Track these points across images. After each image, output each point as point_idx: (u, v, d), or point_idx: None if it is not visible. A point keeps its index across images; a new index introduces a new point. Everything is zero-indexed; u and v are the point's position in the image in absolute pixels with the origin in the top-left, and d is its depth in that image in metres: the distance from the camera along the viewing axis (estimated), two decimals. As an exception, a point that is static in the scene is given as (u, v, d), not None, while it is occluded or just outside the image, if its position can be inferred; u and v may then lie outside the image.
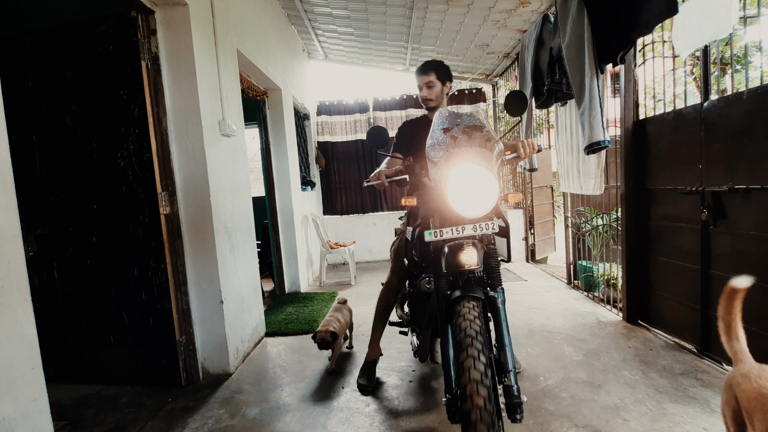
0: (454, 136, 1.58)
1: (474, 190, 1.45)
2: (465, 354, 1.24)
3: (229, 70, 2.72)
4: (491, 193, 1.44)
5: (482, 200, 1.45)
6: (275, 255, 4.29)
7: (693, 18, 2.14)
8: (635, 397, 1.95)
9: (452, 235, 1.48)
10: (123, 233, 2.30)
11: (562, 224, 4.20)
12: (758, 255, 1.93)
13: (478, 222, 1.47)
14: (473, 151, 1.51)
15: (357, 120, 6.02)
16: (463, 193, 1.46)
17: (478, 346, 1.24)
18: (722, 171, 2.10)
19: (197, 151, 2.32)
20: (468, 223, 1.48)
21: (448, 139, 1.58)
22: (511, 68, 5.01)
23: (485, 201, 1.44)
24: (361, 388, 2.22)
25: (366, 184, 2.08)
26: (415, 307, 2.12)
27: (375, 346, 2.33)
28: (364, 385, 2.22)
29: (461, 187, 1.46)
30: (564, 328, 2.88)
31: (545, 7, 3.49)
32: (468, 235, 1.48)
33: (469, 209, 1.45)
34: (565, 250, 4.04)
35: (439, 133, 1.61)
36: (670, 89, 2.68)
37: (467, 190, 1.46)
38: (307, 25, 4.64)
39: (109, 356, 2.40)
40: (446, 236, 1.48)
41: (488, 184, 1.44)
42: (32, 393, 1.30)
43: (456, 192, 1.46)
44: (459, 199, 1.46)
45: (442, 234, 1.48)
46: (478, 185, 1.45)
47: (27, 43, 2.28)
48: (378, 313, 2.31)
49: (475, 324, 1.30)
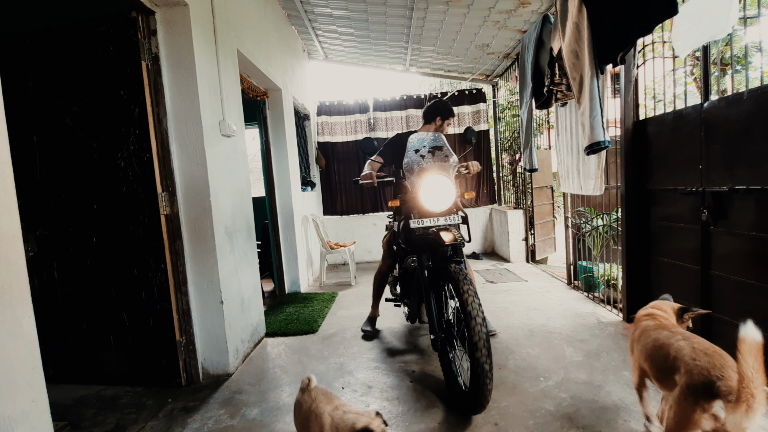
0: (423, 155, 2.32)
1: (438, 192, 2.15)
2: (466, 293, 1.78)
3: (229, 71, 2.72)
4: (450, 193, 2.16)
5: (444, 199, 2.16)
6: (275, 255, 4.29)
7: (692, 18, 2.14)
8: (635, 398, 1.94)
9: (430, 224, 2.15)
10: (123, 233, 2.30)
11: (562, 225, 4.20)
12: (759, 255, 1.93)
13: (446, 215, 2.16)
14: (436, 165, 2.24)
15: (357, 120, 6.02)
16: (431, 194, 2.15)
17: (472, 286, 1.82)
18: (722, 171, 2.10)
19: (197, 151, 2.32)
20: (439, 215, 2.16)
21: (418, 157, 2.32)
22: (511, 69, 5.01)
23: (446, 199, 2.16)
24: (364, 333, 2.91)
25: (357, 181, 2.58)
26: (404, 285, 2.71)
27: (375, 308, 3.04)
28: (367, 330, 2.92)
29: (429, 191, 2.14)
30: (564, 328, 2.87)
31: (545, 8, 3.49)
32: (441, 224, 2.14)
33: (435, 205, 2.16)
34: (566, 250, 4.04)
35: (413, 153, 2.37)
36: (670, 89, 2.68)
37: (433, 193, 2.15)
38: (307, 26, 4.64)
39: (109, 356, 2.40)
40: (426, 224, 2.15)
41: (447, 188, 2.15)
42: (32, 393, 1.30)
43: (426, 194, 2.15)
44: (428, 198, 2.15)
45: (423, 223, 2.16)
46: (440, 189, 2.14)
47: (27, 43, 2.28)
48: (375, 290, 3.01)
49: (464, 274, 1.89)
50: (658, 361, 1.40)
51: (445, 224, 2.13)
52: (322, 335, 3.05)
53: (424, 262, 2.15)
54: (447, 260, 2.06)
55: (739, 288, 2.04)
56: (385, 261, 2.87)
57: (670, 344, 1.36)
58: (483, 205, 6.05)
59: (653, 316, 1.59)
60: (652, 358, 1.44)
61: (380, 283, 2.96)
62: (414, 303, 2.50)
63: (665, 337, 1.41)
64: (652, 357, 1.44)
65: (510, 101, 5.70)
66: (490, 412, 1.90)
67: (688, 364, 1.24)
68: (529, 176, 4.99)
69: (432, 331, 2.06)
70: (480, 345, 1.66)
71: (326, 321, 3.37)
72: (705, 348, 1.28)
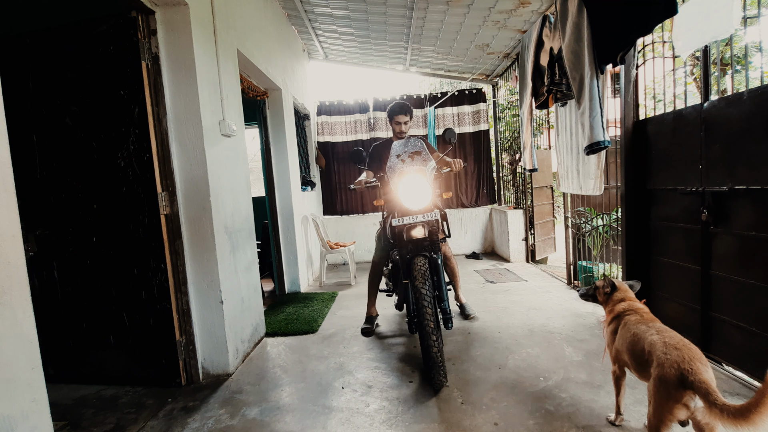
0: (403, 159, 2.58)
1: (415, 192, 2.35)
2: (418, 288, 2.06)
3: (229, 70, 2.72)
4: (426, 193, 2.35)
5: (421, 198, 2.35)
6: (275, 255, 4.29)
7: (694, 18, 2.14)
8: (635, 398, 1.95)
9: (410, 221, 2.35)
10: (123, 233, 2.30)
11: (562, 224, 4.20)
12: (758, 255, 1.93)
13: (424, 213, 2.35)
14: (414, 168, 2.44)
15: (357, 120, 6.01)
16: (409, 193, 2.35)
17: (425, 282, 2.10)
18: (722, 171, 2.10)
19: (197, 151, 2.32)
20: (418, 213, 2.35)
21: (399, 161, 2.58)
22: (511, 68, 5.01)
23: (423, 198, 2.35)
24: (363, 331, 3.01)
25: (351, 187, 2.85)
26: (394, 277, 2.93)
27: (372, 306, 3.13)
28: (366, 328, 3.01)
29: (407, 190, 2.35)
30: (564, 328, 2.88)
31: (545, 8, 3.49)
32: (419, 221, 2.34)
33: (413, 204, 2.35)
34: (565, 250, 4.04)
35: (394, 158, 2.66)
36: (670, 89, 2.68)
37: (411, 192, 2.35)
38: (307, 25, 4.64)
39: (109, 356, 2.40)
40: (405, 222, 2.35)
41: (423, 188, 2.35)
42: (32, 393, 1.30)
43: (404, 193, 2.36)
44: (406, 198, 2.36)
45: (403, 221, 2.36)
46: (417, 188, 2.35)
47: (27, 43, 2.28)
48: (370, 283, 3.10)
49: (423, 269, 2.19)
50: (636, 355, 1.49)
51: (423, 221, 2.33)
52: (322, 335, 3.06)
53: (405, 255, 2.38)
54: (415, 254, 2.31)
55: (739, 288, 2.04)
56: (377, 253, 3.07)
57: (644, 338, 1.46)
58: (483, 205, 6.05)
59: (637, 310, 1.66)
60: (631, 351, 1.53)
61: (374, 276, 3.09)
62: (400, 292, 2.72)
63: (642, 331, 1.50)
64: (631, 350, 1.52)
65: (510, 101, 5.70)
66: (489, 411, 1.91)
67: (660, 358, 1.33)
68: (529, 176, 4.99)
69: (408, 315, 2.40)
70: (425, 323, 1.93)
71: (326, 321, 3.37)
72: (676, 342, 1.35)
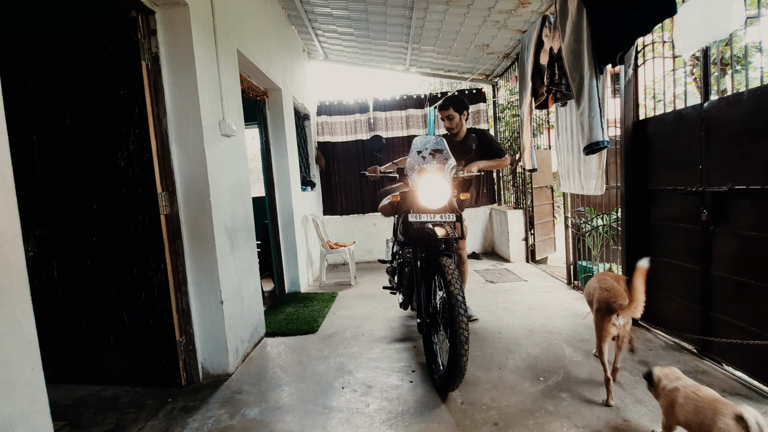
0: (423, 156, 2.42)
1: (434, 191, 2.27)
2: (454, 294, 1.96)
3: (229, 70, 2.72)
4: (445, 193, 2.28)
5: (440, 197, 2.28)
6: (275, 255, 4.29)
7: (694, 18, 2.14)
8: (635, 398, 1.95)
9: (427, 219, 2.28)
10: (123, 233, 2.30)
11: (562, 224, 4.20)
12: (758, 255, 1.93)
13: (441, 213, 2.28)
14: (434, 167, 2.35)
15: (357, 120, 6.01)
16: (428, 192, 2.28)
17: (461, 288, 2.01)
18: (722, 171, 2.10)
19: (197, 151, 2.32)
20: (435, 212, 2.28)
21: (420, 158, 2.42)
22: (511, 68, 5.01)
23: (442, 198, 2.28)
24: None
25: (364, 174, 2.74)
26: (400, 275, 2.93)
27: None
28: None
29: (427, 189, 2.28)
30: (564, 328, 2.87)
31: (545, 8, 3.49)
32: (437, 221, 2.28)
33: (432, 203, 2.28)
34: (565, 250, 4.03)
35: (415, 154, 2.45)
36: (670, 89, 2.68)
37: (431, 191, 2.28)
38: (307, 26, 4.64)
39: (109, 356, 2.40)
40: (422, 219, 2.28)
41: (443, 188, 2.28)
42: (32, 393, 1.30)
43: (424, 191, 2.28)
44: (426, 196, 2.28)
45: (420, 218, 2.28)
46: (437, 188, 2.27)
47: (27, 43, 2.28)
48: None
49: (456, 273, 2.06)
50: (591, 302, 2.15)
51: (440, 221, 2.28)
52: (322, 335, 3.06)
53: (418, 254, 2.34)
54: (439, 254, 2.23)
55: (739, 288, 2.04)
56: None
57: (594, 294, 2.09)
58: (483, 205, 6.05)
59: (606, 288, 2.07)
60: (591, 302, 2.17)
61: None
62: (407, 291, 2.69)
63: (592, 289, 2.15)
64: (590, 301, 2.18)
65: (510, 101, 5.70)
66: (489, 411, 1.91)
67: (597, 297, 2.02)
68: (529, 176, 4.99)
69: (419, 316, 2.31)
70: (460, 332, 1.90)
71: (326, 321, 3.37)
72: (607, 286, 2.01)
